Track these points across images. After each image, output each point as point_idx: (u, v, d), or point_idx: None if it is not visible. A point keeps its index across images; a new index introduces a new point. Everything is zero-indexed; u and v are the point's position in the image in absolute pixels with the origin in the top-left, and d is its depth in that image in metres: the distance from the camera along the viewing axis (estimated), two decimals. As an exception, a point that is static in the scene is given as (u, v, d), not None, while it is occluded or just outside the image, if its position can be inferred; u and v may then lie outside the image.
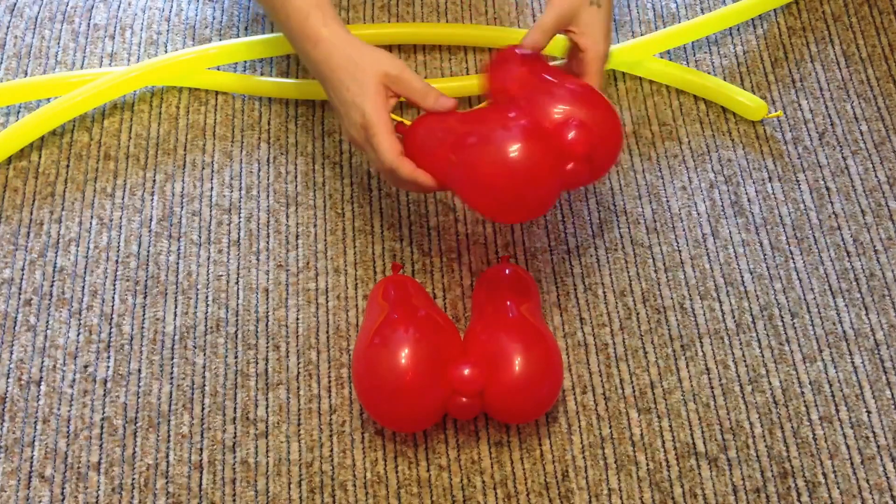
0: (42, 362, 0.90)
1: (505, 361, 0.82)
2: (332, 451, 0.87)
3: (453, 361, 0.81)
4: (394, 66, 0.83)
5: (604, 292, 0.95)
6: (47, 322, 0.92)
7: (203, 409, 0.88)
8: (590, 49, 0.87)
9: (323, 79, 0.86)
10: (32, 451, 0.86)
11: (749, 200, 1.00)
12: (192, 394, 0.89)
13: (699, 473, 0.86)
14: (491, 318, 0.87)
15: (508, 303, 0.87)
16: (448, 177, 0.83)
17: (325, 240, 0.97)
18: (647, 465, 0.87)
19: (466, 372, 0.81)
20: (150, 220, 0.97)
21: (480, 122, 0.83)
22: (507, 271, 0.91)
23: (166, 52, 1.08)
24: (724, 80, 1.07)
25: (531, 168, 0.79)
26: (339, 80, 0.84)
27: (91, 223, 0.97)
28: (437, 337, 0.83)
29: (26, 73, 1.06)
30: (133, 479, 0.85)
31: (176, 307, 0.93)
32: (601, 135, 0.83)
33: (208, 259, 0.96)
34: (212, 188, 0.99)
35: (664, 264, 0.96)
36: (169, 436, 0.87)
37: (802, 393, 0.90)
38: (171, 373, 0.90)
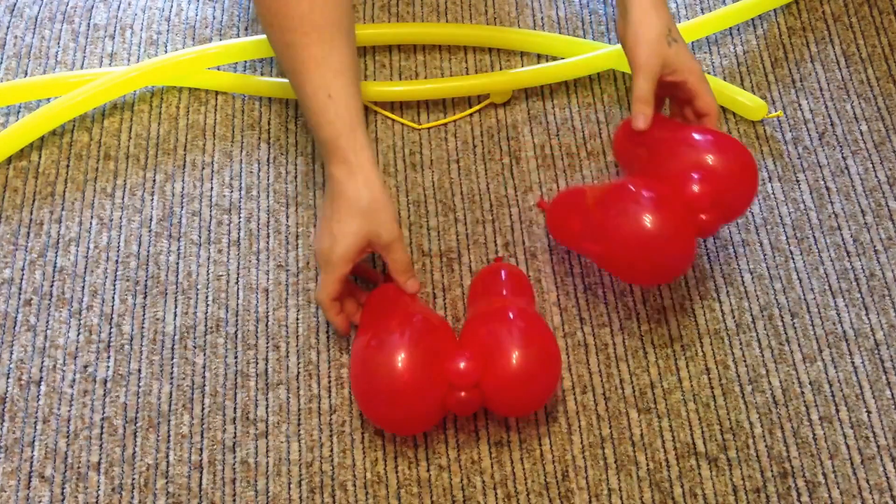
0: (42, 362, 0.90)
1: (501, 353, 0.82)
2: (332, 451, 0.87)
3: (449, 357, 0.81)
4: (389, 232, 0.84)
5: (604, 292, 0.95)
6: (47, 322, 0.92)
7: (203, 409, 0.88)
8: (688, 77, 0.88)
9: (328, 187, 0.86)
10: (32, 451, 0.86)
11: (749, 200, 1.00)
12: (192, 394, 0.89)
13: (699, 473, 0.86)
14: (486, 311, 0.87)
15: (504, 292, 0.88)
16: (585, 250, 0.90)
17: (325, 240, 0.97)
18: (647, 465, 0.87)
19: (462, 365, 0.81)
20: (150, 220, 0.97)
21: (611, 199, 0.86)
22: (502, 270, 0.92)
23: (166, 52, 1.08)
24: (724, 80, 1.07)
25: (667, 236, 0.83)
26: (338, 208, 0.84)
27: (91, 223, 0.97)
28: (433, 337, 0.83)
29: (26, 73, 1.06)
30: (133, 479, 0.85)
31: (176, 307, 0.93)
32: (727, 178, 0.86)
33: (208, 259, 0.96)
34: (212, 188, 0.99)
35: (664, 264, 0.96)
36: (169, 436, 0.87)
37: (802, 393, 0.90)
38: (171, 373, 0.90)
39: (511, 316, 0.85)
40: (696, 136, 0.88)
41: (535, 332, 0.84)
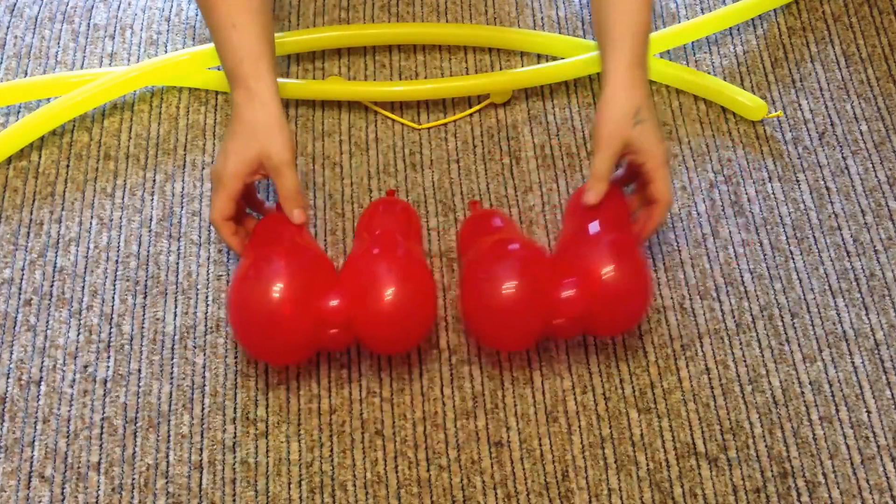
0: (42, 362, 0.90)
1: (373, 291, 0.82)
2: (332, 451, 0.87)
3: (323, 293, 0.82)
4: (281, 154, 0.85)
5: (604, 292, 0.95)
6: (47, 322, 0.92)
7: (203, 409, 0.88)
8: (648, 161, 0.87)
9: (231, 117, 0.87)
10: (32, 451, 0.86)
11: (749, 200, 1.00)
12: (192, 394, 0.89)
13: (699, 473, 0.86)
14: (368, 248, 0.87)
15: (394, 236, 0.88)
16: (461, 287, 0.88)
17: (325, 240, 0.97)
18: (647, 465, 0.87)
19: (333, 303, 0.82)
20: (150, 220, 0.97)
21: (497, 255, 0.86)
22: (393, 205, 0.93)
23: (166, 52, 1.08)
24: (724, 80, 1.07)
25: (516, 306, 0.83)
26: (233, 130, 0.86)
27: (91, 223, 0.97)
28: (311, 271, 0.84)
29: (26, 73, 1.06)
30: (133, 479, 0.85)
31: (176, 307, 0.93)
32: (609, 299, 0.84)
33: (208, 259, 0.96)
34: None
35: (664, 264, 0.96)
36: (169, 436, 0.87)
37: (802, 393, 0.90)
38: (171, 373, 0.90)
39: (388, 255, 0.86)
40: (607, 245, 0.86)
41: (409, 271, 0.84)
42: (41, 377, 0.89)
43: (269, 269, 0.83)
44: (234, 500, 0.84)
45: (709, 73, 1.08)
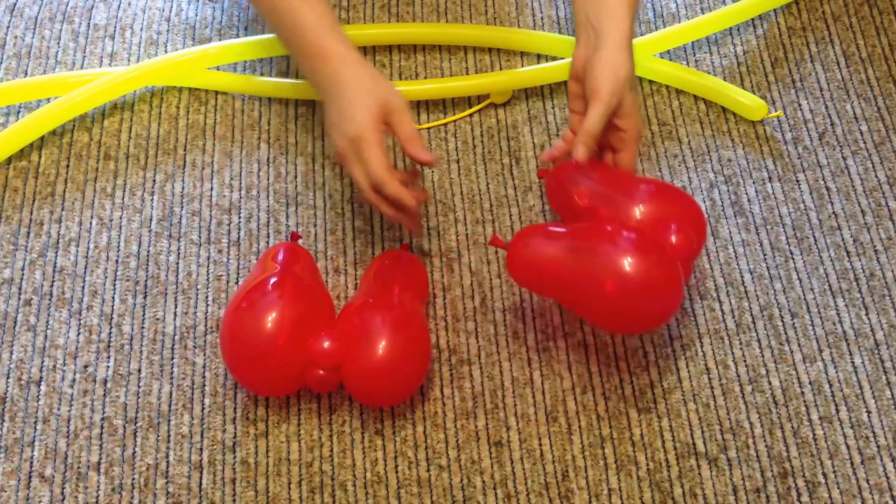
0: (42, 362, 0.90)
1: (367, 342, 0.82)
2: (332, 451, 0.87)
3: (317, 333, 0.82)
4: (397, 99, 0.85)
5: (604, 292, 0.95)
6: (47, 322, 0.92)
7: (203, 409, 0.88)
8: (631, 129, 0.87)
9: (325, 90, 0.86)
10: (32, 451, 0.86)
11: (749, 200, 1.00)
12: (192, 394, 0.89)
13: (699, 473, 0.86)
14: (368, 298, 0.87)
15: (395, 290, 0.88)
16: (561, 294, 0.85)
17: (325, 240, 0.97)
18: (647, 465, 0.87)
19: (326, 345, 0.82)
20: (150, 220, 0.97)
21: (593, 239, 0.83)
22: (402, 259, 0.92)
23: (166, 52, 1.08)
24: (724, 80, 1.07)
25: (660, 277, 0.80)
26: (342, 92, 0.84)
27: (91, 223, 0.97)
28: (308, 307, 0.84)
29: (26, 73, 1.06)
30: (133, 479, 0.85)
31: (176, 307, 0.93)
32: (695, 230, 0.85)
33: (208, 259, 0.96)
34: (212, 188, 0.99)
35: (664, 264, 0.96)
36: (169, 436, 0.87)
37: (802, 393, 0.90)
38: (171, 373, 0.90)
39: (389, 309, 0.85)
40: (658, 189, 0.87)
41: (406, 329, 0.84)
42: (41, 377, 0.89)
43: (270, 298, 0.83)
44: (234, 500, 0.84)
45: (709, 73, 1.08)
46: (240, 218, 0.98)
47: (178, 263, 0.95)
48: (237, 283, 0.94)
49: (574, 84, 0.89)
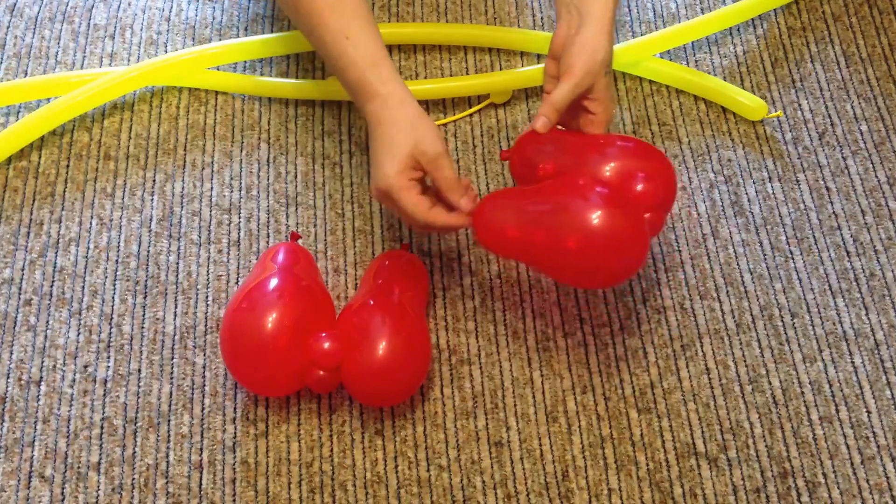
0: (42, 362, 0.90)
1: (367, 342, 0.82)
2: (332, 451, 0.87)
3: (317, 334, 0.82)
4: (434, 145, 0.83)
5: (604, 292, 0.95)
6: (47, 322, 0.92)
7: (203, 409, 0.88)
8: (601, 113, 0.87)
9: (369, 129, 0.86)
10: (32, 451, 0.86)
11: (749, 200, 1.00)
12: (192, 394, 0.89)
13: (699, 473, 0.86)
14: (368, 298, 0.87)
15: (395, 290, 0.88)
16: (527, 253, 0.83)
17: (325, 240, 0.97)
18: (647, 465, 0.87)
19: (326, 345, 0.82)
20: (150, 220, 0.97)
21: (556, 196, 0.82)
22: (402, 259, 0.92)
23: (166, 52, 1.08)
24: (724, 80, 1.07)
25: (624, 231, 0.79)
26: (379, 136, 0.84)
27: (91, 223, 0.97)
28: (308, 308, 0.84)
29: (26, 73, 1.06)
30: (133, 479, 0.85)
31: (176, 307, 0.93)
32: (664, 181, 0.84)
33: (208, 259, 0.96)
34: (212, 188, 0.99)
35: (664, 264, 0.96)
36: (169, 436, 0.87)
37: (802, 393, 0.90)
38: (171, 373, 0.90)
39: (389, 310, 0.85)
40: (626, 145, 0.87)
41: (406, 330, 0.84)
42: (41, 377, 0.89)
43: (270, 299, 0.83)
44: (234, 500, 0.84)
45: (709, 73, 1.08)
46: (240, 218, 0.98)
47: (178, 263, 0.95)
48: (237, 283, 0.94)
49: (551, 63, 0.89)
